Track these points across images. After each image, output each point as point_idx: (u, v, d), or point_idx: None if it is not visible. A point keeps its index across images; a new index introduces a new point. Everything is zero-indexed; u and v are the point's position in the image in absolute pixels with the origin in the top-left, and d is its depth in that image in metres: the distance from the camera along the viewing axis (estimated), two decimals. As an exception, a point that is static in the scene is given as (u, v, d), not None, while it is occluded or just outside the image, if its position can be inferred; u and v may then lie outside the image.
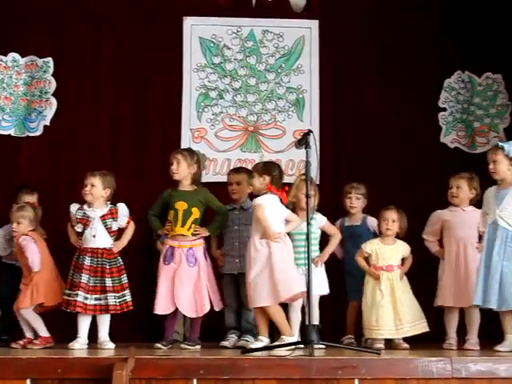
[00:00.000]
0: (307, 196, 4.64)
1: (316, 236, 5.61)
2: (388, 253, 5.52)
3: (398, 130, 6.92)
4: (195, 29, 7.01)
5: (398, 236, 5.62)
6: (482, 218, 5.29)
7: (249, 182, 5.78)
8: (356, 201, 6.01)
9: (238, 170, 6.10)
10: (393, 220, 5.56)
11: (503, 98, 7.13)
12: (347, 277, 5.93)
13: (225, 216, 5.73)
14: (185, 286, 5.39)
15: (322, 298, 5.66)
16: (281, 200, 5.29)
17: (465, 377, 4.01)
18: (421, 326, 5.42)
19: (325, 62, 7.00)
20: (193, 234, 5.51)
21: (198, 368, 4.00)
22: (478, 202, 5.58)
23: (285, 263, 5.12)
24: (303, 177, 5.50)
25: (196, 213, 5.55)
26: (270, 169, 5.40)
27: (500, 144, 5.14)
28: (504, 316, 5.01)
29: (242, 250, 5.65)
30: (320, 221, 5.66)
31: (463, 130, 7.09)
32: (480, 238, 5.50)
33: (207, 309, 5.43)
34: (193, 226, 5.51)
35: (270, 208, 5.20)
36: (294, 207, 5.60)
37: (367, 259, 5.58)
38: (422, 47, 6.99)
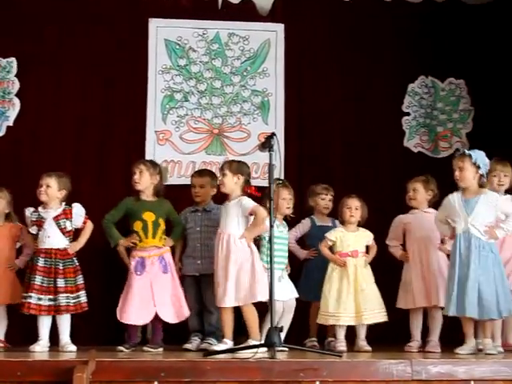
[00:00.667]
0: (269, 199, 4.65)
1: (287, 242, 5.64)
2: (352, 239, 5.58)
3: (362, 133, 6.97)
4: (161, 31, 6.99)
5: (358, 225, 5.66)
6: (441, 224, 5.31)
7: (212, 185, 5.80)
8: (329, 202, 6.08)
9: (201, 173, 6.09)
10: (356, 207, 5.61)
11: (466, 103, 7.21)
12: (310, 277, 5.92)
13: (182, 228, 5.79)
14: (163, 293, 5.41)
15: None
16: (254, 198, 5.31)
17: (424, 379, 4.04)
18: (380, 315, 5.44)
19: (290, 65, 7.02)
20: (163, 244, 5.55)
21: (159, 370, 3.99)
22: (437, 203, 5.64)
23: (258, 267, 5.16)
24: (279, 181, 5.56)
25: (162, 223, 5.57)
26: (244, 169, 5.42)
27: (467, 152, 5.18)
28: (465, 320, 5.06)
29: (203, 251, 5.68)
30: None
31: (426, 135, 7.16)
32: (442, 239, 5.56)
33: (187, 313, 5.46)
34: (162, 236, 5.53)
35: None
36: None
37: (331, 249, 5.61)
38: (387, 52, 7.05)
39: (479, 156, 5.11)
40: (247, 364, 4.06)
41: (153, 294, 5.37)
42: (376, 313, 5.44)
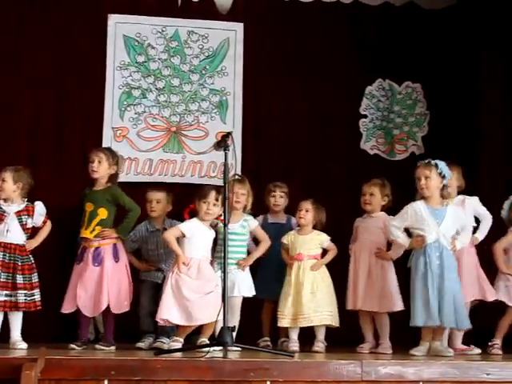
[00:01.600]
0: (224, 198, 4.65)
1: (244, 238, 5.62)
2: (300, 242, 5.58)
3: (319, 134, 7.01)
4: (120, 27, 6.93)
5: (315, 227, 5.66)
6: (397, 231, 5.32)
7: (168, 200, 5.83)
8: (280, 199, 6.07)
9: (158, 188, 6.04)
10: (306, 210, 5.60)
11: (422, 107, 7.29)
12: (263, 275, 5.91)
13: (135, 214, 5.60)
14: (86, 284, 5.35)
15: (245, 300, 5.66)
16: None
17: (374, 379, 4.07)
18: (320, 318, 5.43)
19: (248, 64, 7.02)
20: (96, 236, 5.43)
21: (109, 369, 3.96)
22: (388, 208, 5.70)
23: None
24: (236, 176, 5.55)
25: (102, 213, 5.48)
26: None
27: (433, 161, 5.22)
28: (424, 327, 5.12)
29: (168, 266, 5.64)
30: (252, 224, 5.66)
31: (383, 137, 7.22)
32: (389, 244, 5.60)
33: (102, 309, 5.36)
34: (97, 228, 5.44)
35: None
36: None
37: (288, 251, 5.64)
38: (345, 54, 7.09)
39: (444, 166, 5.17)
40: (198, 363, 4.05)
41: (78, 284, 5.34)
42: (313, 317, 5.41)
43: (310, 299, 5.42)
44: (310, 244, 5.59)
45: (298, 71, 7.05)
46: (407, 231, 5.36)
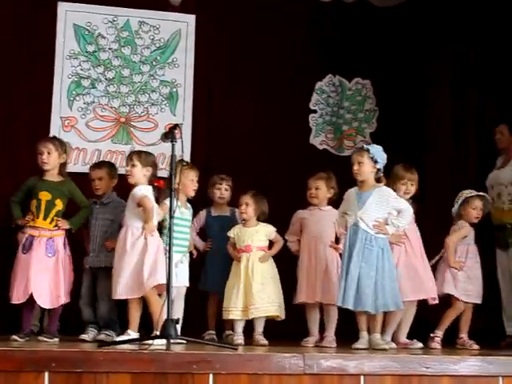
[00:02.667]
0: (171, 189, 4.62)
1: (190, 224, 5.64)
2: (247, 234, 5.58)
3: (269, 128, 7.02)
4: (70, 15, 6.86)
5: (259, 219, 5.66)
6: (341, 218, 5.40)
7: (112, 176, 5.74)
8: (225, 192, 6.07)
9: (99, 166, 5.98)
10: (246, 203, 5.61)
11: (371, 104, 7.36)
12: (208, 268, 5.92)
13: (88, 210, 5.62)
14: (42, 276, 5.26)
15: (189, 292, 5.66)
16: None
17: (316, 373, 4.08)
18: (270, 310, 5.45)
19: (200, 57, 7.01)
20: (54, 226, 5.39)
21: (50, 361, 3.91)
22: (335, 201, 5.72)
23: (157, 254, 5.12)
24: (184, 163, 5.53)
25: (59, 204, 5.42)
26: (153, 161, 5.42)
27: (366, 146, 5.26)
28: (360, 315, 5.15)
29: (97, 245, 5.61)
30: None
31: (332, 133, 7.27)
32: (337, 237, 5.65)
33: (62, 301, 5.33)
34: (55, 218, 5.39)
35: (152, 200, 5.23)
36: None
37: (235, 245, 5.64)
38: (296, 49, 7.13)
39: (377, 151, 5.20)
40: (140, 355, 4.02)
41: (31, 275, 5.23)
42: (263, 308, 5.43)
43: (261, 290, 5.43)
44: (257, 235, 5.61)
45: (250, 65, 7.06)
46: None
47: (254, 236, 5.60)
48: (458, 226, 5.77)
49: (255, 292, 5.41)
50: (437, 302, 5.61)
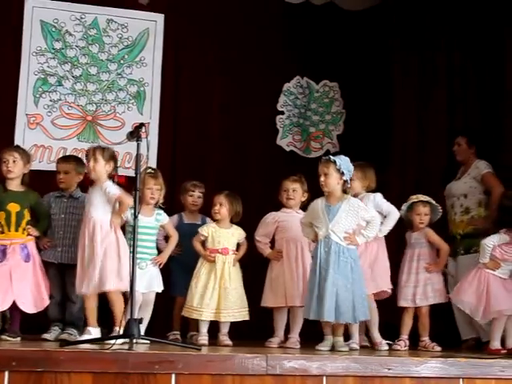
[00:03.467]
0: (135, 189, 4.60)
1: (156, 232, 5.58)
2: (224, 236, 5.55)
3: (236, 128, 7.04)
4: (37, 11, 6.81)
5: (232, 221, 5.66)
6: (307, 228, 5.34)
7: (78, 171, 5.70)
8: (198, 199, 6.04)
9: (66, 159, 5.93)
10: (220, 204, 5.59)
11: (338, 106, 7.40)
12: (177, 273, 5.90)
13: (49, 219, 5.61)
14: (23, 282, 5.24)
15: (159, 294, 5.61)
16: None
17: (279, 373, 4.08)
18: (240, 315, 5.46)
19: (168, 56, 7.00)
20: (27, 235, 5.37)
21: (11, 360, 3.86)
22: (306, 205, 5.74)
23: (125, 256, 5.09)
24: (148, 170, 5.50)
25: (27, 215, 5.40)
26: (114, 156, 5.35)
27: (332, 158, 5.22)
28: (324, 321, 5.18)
29: (66, 239, 5.56)
30: (164, 219, 5.62)
31: (299, 134, 7.29)
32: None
33: (47, 303, 5.32)
34: (26, 227, 5.37)
35: None
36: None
37: (203, 244, 5.61)
38: (264, 50, 7.13)
39: (343, 162, 5.16)
40: (102, 355, 3.99)
41: (11, 283, 5.20)
42: (235, 312, 5.45)
43: (235, 294, 5.45)
44: (232, 238, 5.59)
45: (218, 65, 7.07)
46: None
47: (230, 239, 5.58)
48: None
49: (231, 296, 5.42)
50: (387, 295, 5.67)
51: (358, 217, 5.21)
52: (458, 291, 5.63)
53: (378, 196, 5.73)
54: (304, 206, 5.75)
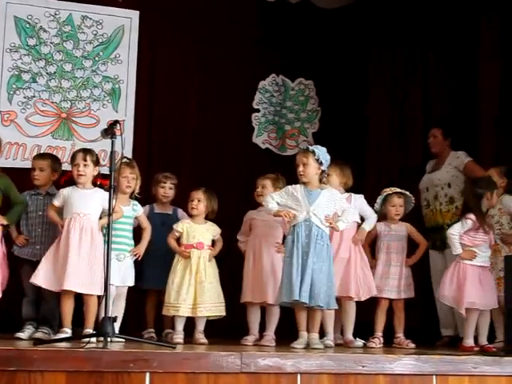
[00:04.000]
0: (110, 187, 4.56)
1: (132, 222, 5.57)
2: (198, 231, 5.55)
3: (212, 126, 7.03)
4: (11, 7, 6.74)
5: (207, 217, 5.66)
6: (270, 198, 5.31)
7: (54, 169, 5.67)
8: (169, 190, 6.02)
9: (42, 156, 5.90)
10: (198, 199, 5.59)
11: (314, 104, 7.42)
12: (147, 264, 5.83)
13: (22, 206, 5.53)
14: None
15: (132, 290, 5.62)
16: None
17: (253, 371, 4.08)
18: (216, 310, 5.46)
19: (143, 53, 6.97)
20: None
21: (-17, 359, 3.85)
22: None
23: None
24: (124, 160, 5.47)
25: None
26: (98, 159, 5.39)
27: (311, 148, 5.27)
28: (300, 315, 5.18)
29: (44, 237, 5.52)
30: (139, 209, 5.62)
31: (274, 132, 7.30)
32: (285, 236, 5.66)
33: None
34: None
35: None
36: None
37: (178, 240, 5.60)
38: (240, 48, 7.13)
39: (322, 152, 5.23)
40: (76, 354, 3.96)
41: None
42: (212, 306, 5.45)
43: (211, 289, 5.44)
44: (207, 234, 5.59)
45: (193, 62, 7.05)
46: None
47: (205, 234, 5.58)
48: None
49: (207, 291, 5.41)
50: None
51: (337, 206, 5.25)
52: (441, 286, 5.66)
53: (362, 198, 5.77)
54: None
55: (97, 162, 5.31)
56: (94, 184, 5.30)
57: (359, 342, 5.63)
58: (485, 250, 5.61)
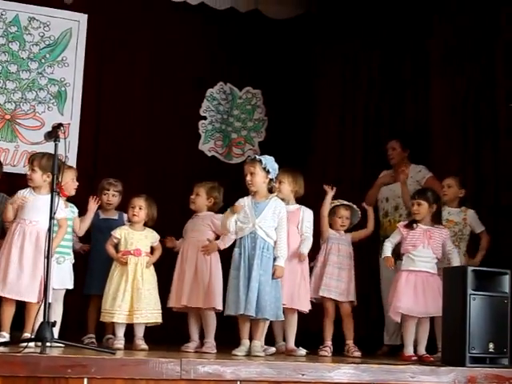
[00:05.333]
0: (52, 190, 4.52)
1: (71, 224, 5.52)
2: (136, 238, 5.53)
3: (158, 132, 7.03)
4: (-45, 6, 6.66)
5: (146, 224, 5.64)
6: (228, 219, 5.37)
7: None
8: (112, 197, 5.99)
9: None
10: (139, 207, 5.57)
11: (260, 113, 7.46)
12: (93, 270, 5.80)
13: None
14: None
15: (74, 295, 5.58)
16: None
17: (193, 378, 4.06)
18: (153, 316, 5.42)
19: (90, 56, 6.93)
20: None
21: None
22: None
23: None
24: (64, 161, 5.40)
25: None
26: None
27: (258, 157, 5.29)
28: (243, 323, 5.17)
29: None
30: (75, 211, 5.60)
31: (221, 140, 7.32)
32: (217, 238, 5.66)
33: None
34: None
35: None
36: None
37: (116, 247, 5.57)
38: (189, 55, 7.14)
39: (268, 161, 5.24)
40: (13, 358, 3.90)
41: None
42: (148, 313, 5.41)
43: (148, 296, 5.40)
44: (145, 241, 5.57)
45: (141, 67, 7.03)
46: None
47: (143, 241, 5.56)
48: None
49: (143, 297, 5.37)
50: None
51: (280, 217, 5.22)
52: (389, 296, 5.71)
53: (311, 215, 5.76)
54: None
55: (46, 169, 5.19)
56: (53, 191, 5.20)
57: (302, 351, 5.64)
58: (425, 255, 5.61)
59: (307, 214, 5.74)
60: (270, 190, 5.29)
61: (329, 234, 5.90)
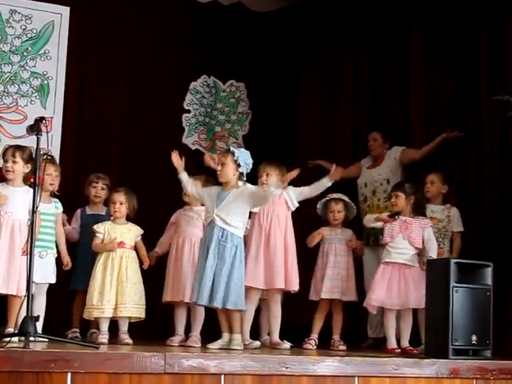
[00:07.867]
0: (35, 184, 4.50)
1: (54, 219, 5.50)
2: (119, 231, 5.52)
3: (142, 125, 7.01)
4: None
5: (128, 218, 5.63)
6: (191, 188, 5.41)
7: None
8: (101, 191, 6.00)
9: None
10: (120, 202, 5.55)
11: (244, 106, 7.46)
12: (80, 266, 5.79)
13: None
14: None
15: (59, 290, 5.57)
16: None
17: (177, 372, 4.06)
18: (136, 311, 5.42)
19: (73, 49, 6.90)
20: None
21: None
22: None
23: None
24: (45, 156, 5.37)
25: None
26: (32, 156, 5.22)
27: (231, 149, 5.29)
28: (221, 315, 5.18)
29: None
30: (60, 207, 5.57)
31: (205, 133, 7.31)
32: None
33: None
34: None
35: None
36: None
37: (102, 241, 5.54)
38: (172, 48, 7.12)
39: (242, 154, 5.21)
40: (-5, 353, 3.90)
41: None
42: (132, 307, 5.40)
43: (133, 290, 5.40)
44: (129, 234, 5.56)
45: (124, 60, 7.01)
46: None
47: (126, 234, 5.54)
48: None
49: (128, 291, 5.36)
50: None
51: (245, 195, 5.16)
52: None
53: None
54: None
55: (28, 160, 5.19)
56: (27, 180, 5.18)
57: (286, 344, 5.64)
58: (402, 246, 5.58)
59: (291, 189, 5.74)
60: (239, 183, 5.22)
61: (325, 234, 5.91)
